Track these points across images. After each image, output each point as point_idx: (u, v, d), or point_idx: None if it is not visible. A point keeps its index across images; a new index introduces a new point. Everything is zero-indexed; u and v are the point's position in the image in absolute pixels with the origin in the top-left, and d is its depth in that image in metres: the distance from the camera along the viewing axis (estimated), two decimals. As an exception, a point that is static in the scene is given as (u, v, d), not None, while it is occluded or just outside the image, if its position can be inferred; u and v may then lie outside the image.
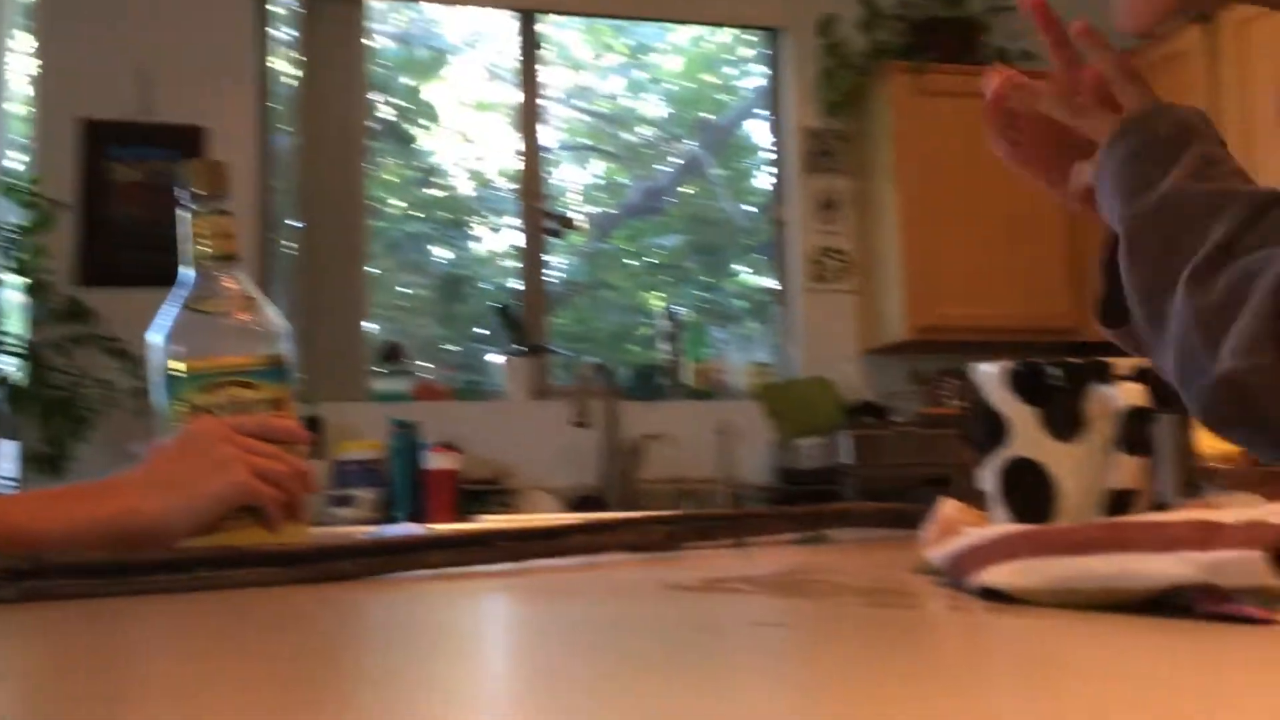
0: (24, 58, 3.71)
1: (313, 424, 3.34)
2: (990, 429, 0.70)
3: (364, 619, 0.61)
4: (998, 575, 0.54)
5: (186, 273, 1.03)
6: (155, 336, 1.00)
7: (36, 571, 0.67)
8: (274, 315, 1.04)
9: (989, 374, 0.70)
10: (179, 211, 1.04)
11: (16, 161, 3.64)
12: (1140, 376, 0.65)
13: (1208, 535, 0.45)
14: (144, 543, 0.86)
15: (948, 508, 0.70)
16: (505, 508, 3.64)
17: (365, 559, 0.77)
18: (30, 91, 3.65)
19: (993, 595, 0.54)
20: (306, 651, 0.48)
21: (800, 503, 2.92)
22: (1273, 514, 0.45)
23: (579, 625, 0.54)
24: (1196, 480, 0.77)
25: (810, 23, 4.22)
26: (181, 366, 0.98)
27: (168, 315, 1.01)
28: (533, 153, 4.13)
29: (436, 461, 3.29)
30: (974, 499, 0.74)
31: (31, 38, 3.68)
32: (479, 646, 0.51)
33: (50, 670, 0.44)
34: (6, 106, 3.65)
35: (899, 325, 3.87)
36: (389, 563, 0.77)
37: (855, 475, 3.41)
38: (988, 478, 0.70)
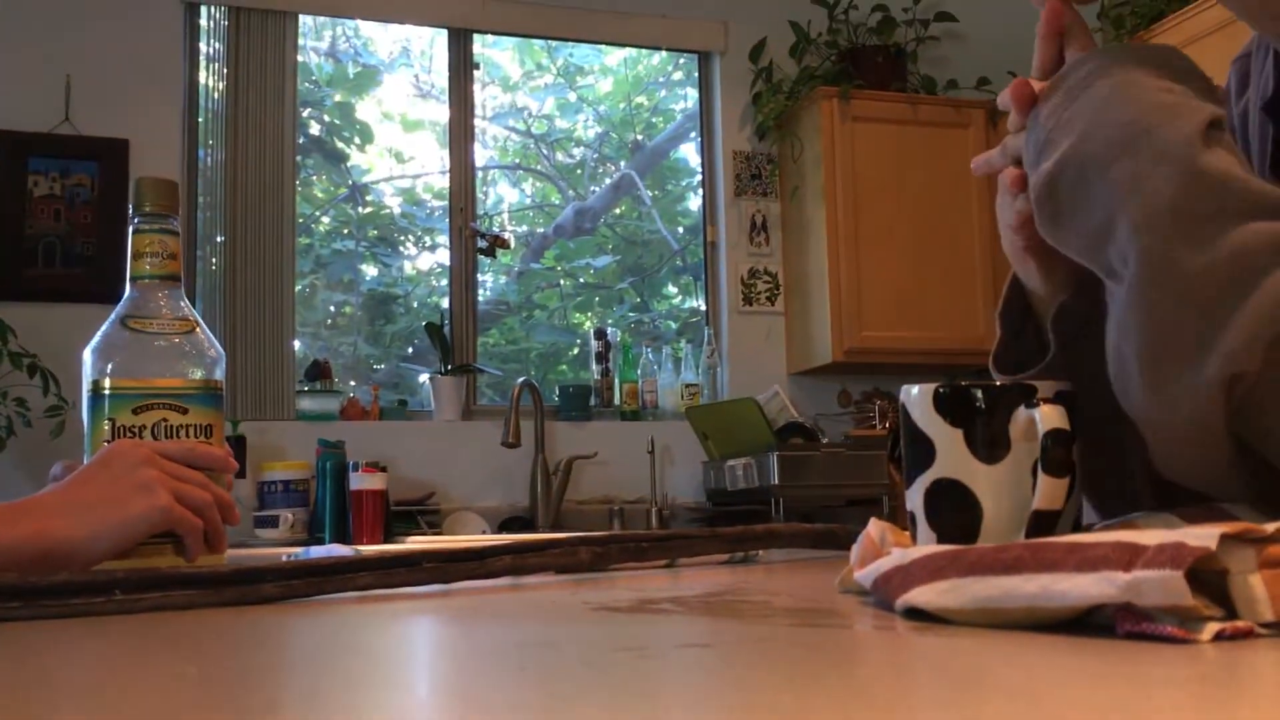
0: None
1: (237, 443, 3.28)
2: (917, 450, 0.71)
3: (287, 642, 0.59)
4: (923, 595, 0.55)
5: (127, 290, 1.00)
6: (88, 352, 0.98)
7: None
8: (210, 339, 1.02)
9: (915, 395, 0.71)
10: (130, 228, 1.01)
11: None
12: (1061, 398, 0.67)
13: (1129, 556, 0.46)
14: (60, 566, 0.83)
15: (875, 528, 0.71)
16: (433, 528, 3.60)
17: (289, 581, 0.75)
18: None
19: (918, 615, 0.55)
20: (227, 676, 0.46)
21: (730, 523, 2.93)
22: (1191, 535, 0.46)
23: (506, 647, 0.53)
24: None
25: (742, 47, 4.27)
26: (113, 384, 0.96)
27: (103, 331, 0.99)
28: (464, 171, 4.11)
29: (364, 482, 3.25)
30: (901, 519, 0.75)
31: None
32: (404, 670, 0.51)
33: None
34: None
35: (827, 347, 3.91)
36: (314, 585, 0.76)
37: (784, 496, 3.43)
38: (913, 498, 0.71)
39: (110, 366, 0.97)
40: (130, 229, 1.01)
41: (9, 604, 0.66)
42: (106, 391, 0.96)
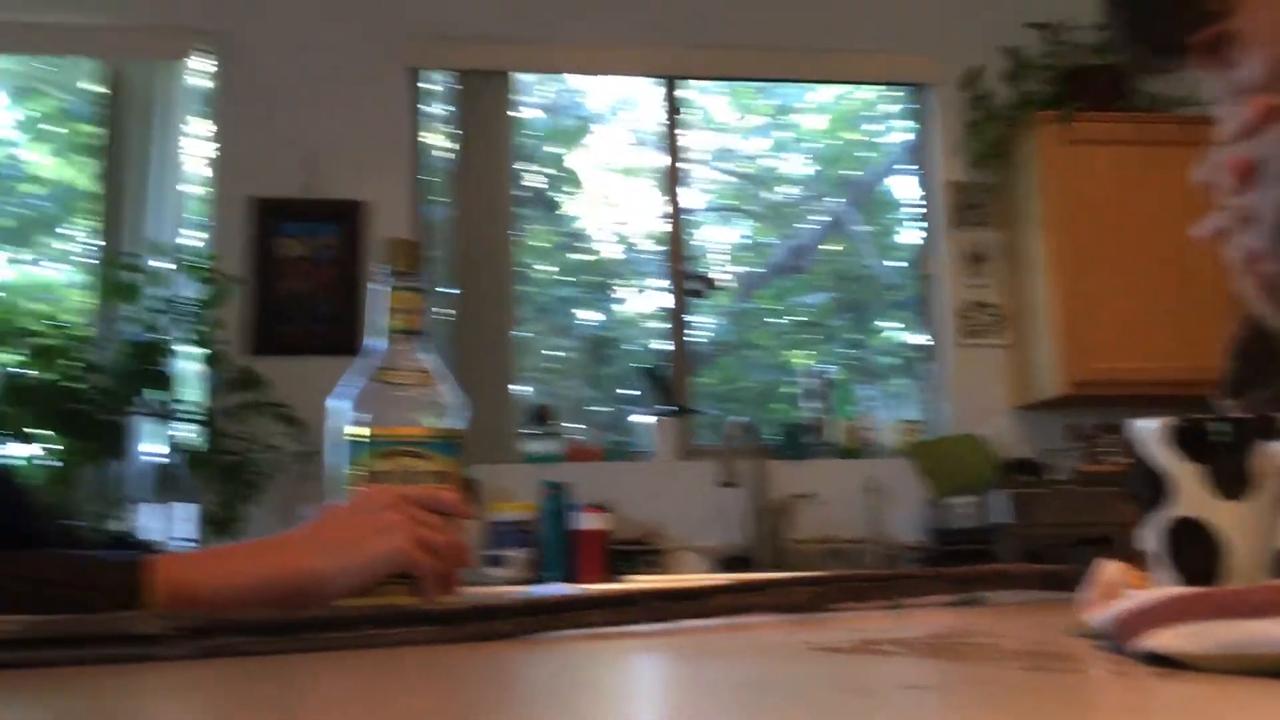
0: (200, 142, 3.96)
1: (467, 486, 3.41)
2: (1152, 487, 0.68)
3: (519, 677, 0.62)
4: (1164, 639, 0.52)
5: (374, 343, 1.07)
6: (338, 402, 1.05)
7: (212, 630, 0.70)
8: (451, 390, 1.08)
9: (1148, 430, 0.68)
10: (372, 285, 1.09)
11: (194, 240, 3.87)
12: (1313, 431, 0.62)
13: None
14: (306, 599, 0.91)
15: (1108, 569, 0.68)
16: (654, 567, 3.64)
17: (519, 618, 0.78)
18: (206, 173, 3.89)
19: (1158, 660, 0.52)
20: (463, 709, 0.49)
21: (953, 563, 2.84)
22: None
23: (726, 686, 0.54)
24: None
25: (955, 76, 4.18)
26: (361, 432, 1.03)
27: (353, 382, 1.06)
28: (677, 215, 4.18)
29: (586, 522, 3.32)
30: (1136, 559, 0.72)
31: (207, 123, 3.92)
32: (629, 707, 0.52)
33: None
34: (184, 188, 3.89)
35: (1053, 380, 3.75)
36: (541, 622, 0.79)
37: (1011, 535, 3.31)
38: (1150, 537, 0.68)
39: (359, 415, 1.04)
40: (379, 286, 1.08)
41: (269, 637, 0.72)
42: (355, 439, 1.03)
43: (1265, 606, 0.49)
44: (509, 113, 4.03)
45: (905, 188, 4.47)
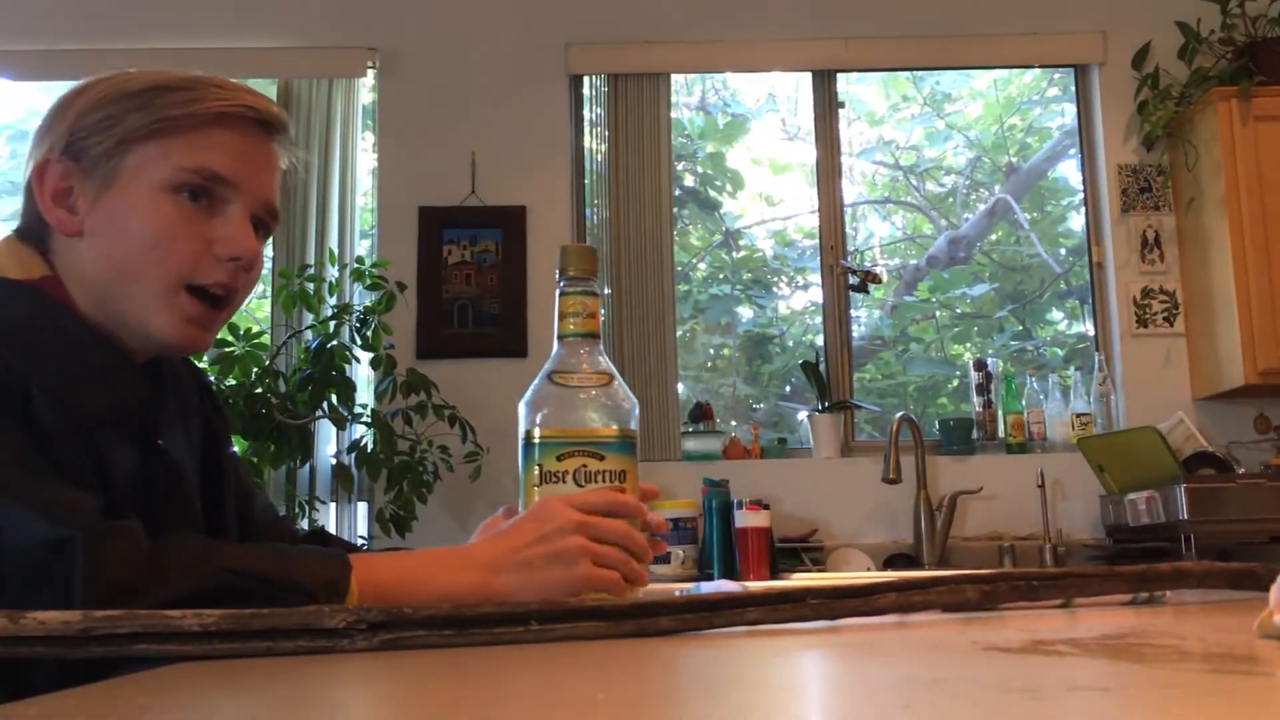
0: (368, 154, 4.12)
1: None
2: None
3: (682, 672, 0.63)
4: (1356, 642, 0.50)
5: (560, 346, 1.11)
6: (521, 405, 1.09)
7: (391, 624, 0.74)
8: (625, 392, 1.10)
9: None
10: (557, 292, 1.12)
11: (365, 249, 4.03)
12: None
13: None
14: None
15: (1297, 568, 0.65)
16: (817, 565, 3.62)
17: (683, 615, 0.80)
18: (373, 185, 4.05)
19: (1351, 664, 0.50)
20: (632, 702, 0.50)
21: (1132, 561, 2.73)
22: None
23: (891, 685, 0.54)
24: None
25: (1121, 55, 4.02)
26: (539, 433, 1.07)
27: (534, 385, 1.09)
28: (832, 209, 4.14)
29: (748, 519, 3.32)
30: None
31: (374, 136, 4.08)
32: (792, 703, 0.52)
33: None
34: (357, 200, 4.05)
35: (1238, 369, 3.57)
36: (705, 619, 0.80)
37: (1194, 531, 3.16)
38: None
39: (539, 417, 1.07)
40: (557, 291, 1.11)
41: (444, 631, 0.75)
42: (535, 440, 1.07)
43: None
44: (664, 113, 4.06)
45: (1071, 173, 4.31)
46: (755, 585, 0.98)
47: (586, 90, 4.11)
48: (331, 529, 3.66)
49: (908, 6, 4.09)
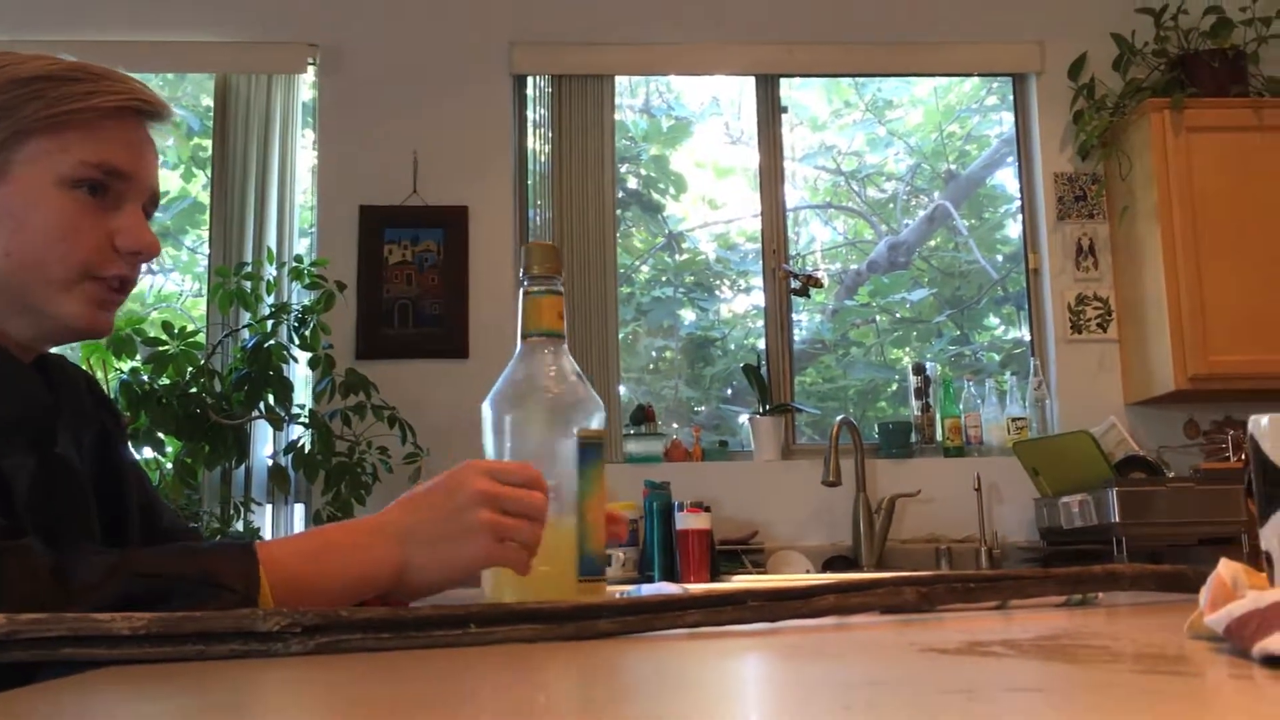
0: (309, 152, 4.07)
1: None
2: (1273, 485, 0.66)
3: (623, 675, 0.63)
4: (1283, 643, 0.51)
5: (524, 345, 1.10)
6: (486, 404, 1.08)
7: (327, 627, 0.73)
8: (589, 391, 1.09)
9: (1267, 426, 0.66)
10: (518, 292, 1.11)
11: (304, 247, 3.98)
12: None
13: None
14: (405, 590, 0.98)
15: (1228, 569, 0.66)
16: (757, 567, 3.64)
17: (624, 617, 0.79)
18: (315, 182, 4.00)
19: (1277, 664, 0.51)
20: (571, 705, 0.50)
21: (1066, 563, 2.77)
22: None
23: (831, 686, 0.54)
24: None
25: (1058, 65, 4.09)
26: (504, 433, 1.06)
27: (498, 384, 1.08)
28: (775, 213, 4.16)
29: (689, 521, 3.33)
30: (1257, 560, 0.70)
31: (314, 133, 4.03)
32: (732, 705, 0.52)
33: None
34: (296, 198, 4.00)
35: (1169, 375, 3.64)
36: (645, 621, 0.80)
37: (1126, 534, 3.22)
38: (1271, 537, 0.66)
39: (497, 415, 1.06)
40: (521, 290, 1.10)
41: (380, 635, 0.74)
42: (524, 439, 1.06)
43: (1394, 609, 0.47)
44: (607, 115, 4.06)
45: (1009, 180, 4.38)
46: (696, 587, 0.98)
47: (530, 90, 4.09)
48: (267, 532, 3.61)
49: (850, 13, 4.13)
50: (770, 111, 4.21)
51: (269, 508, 3.69)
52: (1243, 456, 3.54)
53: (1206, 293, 3.63)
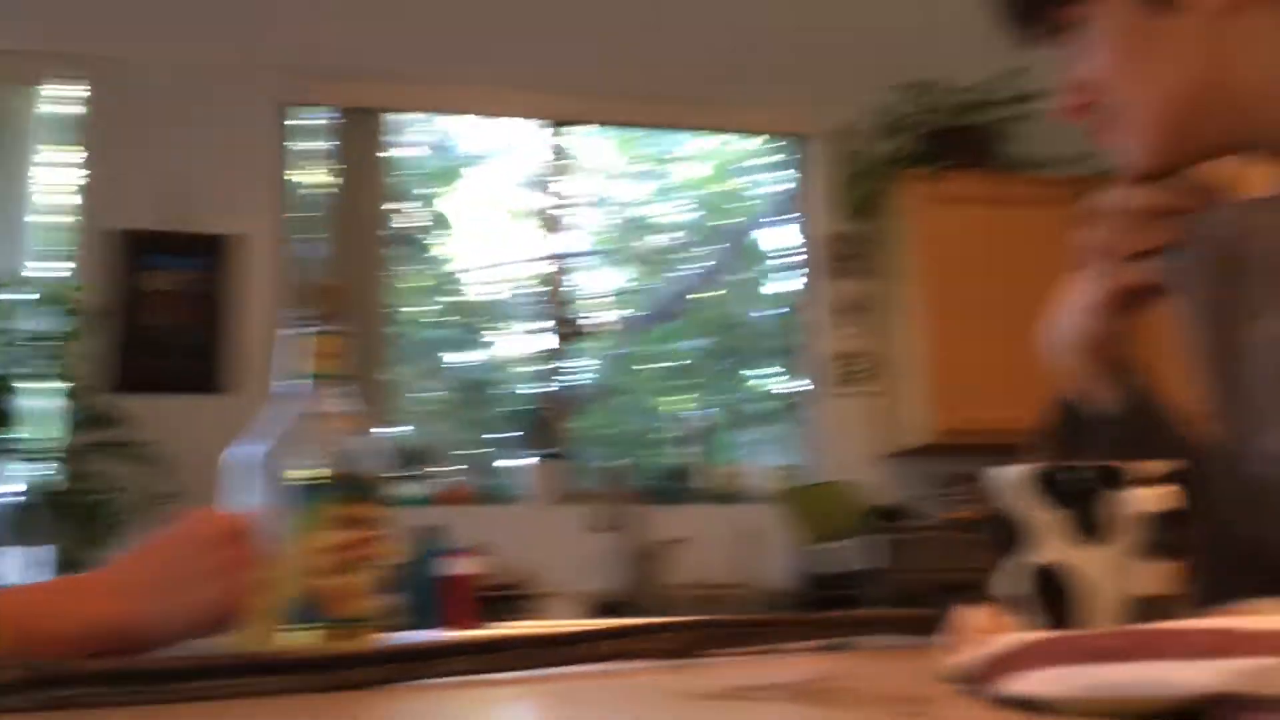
0: (69, 171, 3.81)
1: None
2: (1007, 533, 0.69)
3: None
4: (1025, 684, 0.53)
5: (292, 386, 1.04)
6: (246, 443, 1.02)
7: (65, 680, 0.66)
8: (355, 433, 1.05)
9: (1005, 477, 0.69)
10: (286, 329, 1.06)
11: (57, 271, 3.70)
12: (1172, 478, 0.65)
13: (1234, 642, 0.44)
14: (139, 644, 0.90)
15: (973, 614, 0.69)
16: (526, 614, 3.60)
17: (385, 665, 0.76)
18: (71, 203, 3.74)
19: (1020, 704, 0.53)
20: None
21: (825, 608, 2.87)
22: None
23: (598, 735, 0.53)
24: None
25: (834, 129, 4.29)
26: (294, 475, 1.00)
27: (261, 422, 1.03)
28: (556, 258, 4.18)
29: (457, 567, 3.27)
30: (1000, 605, 0.73)
31: (77, 152, 3.78)
32: (496, 757, 0.51)
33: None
34: (41, 219, 3.73)
35: (923, 428, 3.85)
36: (405, 669, 0.76)
37: (880, 580, 3.36)
38: (1008, 583, 0.69)
39: (281, 461, 1.00)
40: (300, 329, 1.05)
41: (121, 687, 0.68)
42: (290, 482, 1.00)
43: (1125, 650, 0.50)
44: (384, 152, 3.99)
45: (781, 237, 4.55)
46: (460, 634, 0.96)
47: (307, 121, 3.97)
48: (9, 575, 3.32)
49: (639, 67, 4.21)
50: (555, 158, 4.24)
51: (14, 550, 3.39)
52: (983, 507, 3.77)
53: (958, 351, 3.87)
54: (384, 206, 3.95)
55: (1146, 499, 0.63)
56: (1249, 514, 0.70)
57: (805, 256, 4.32)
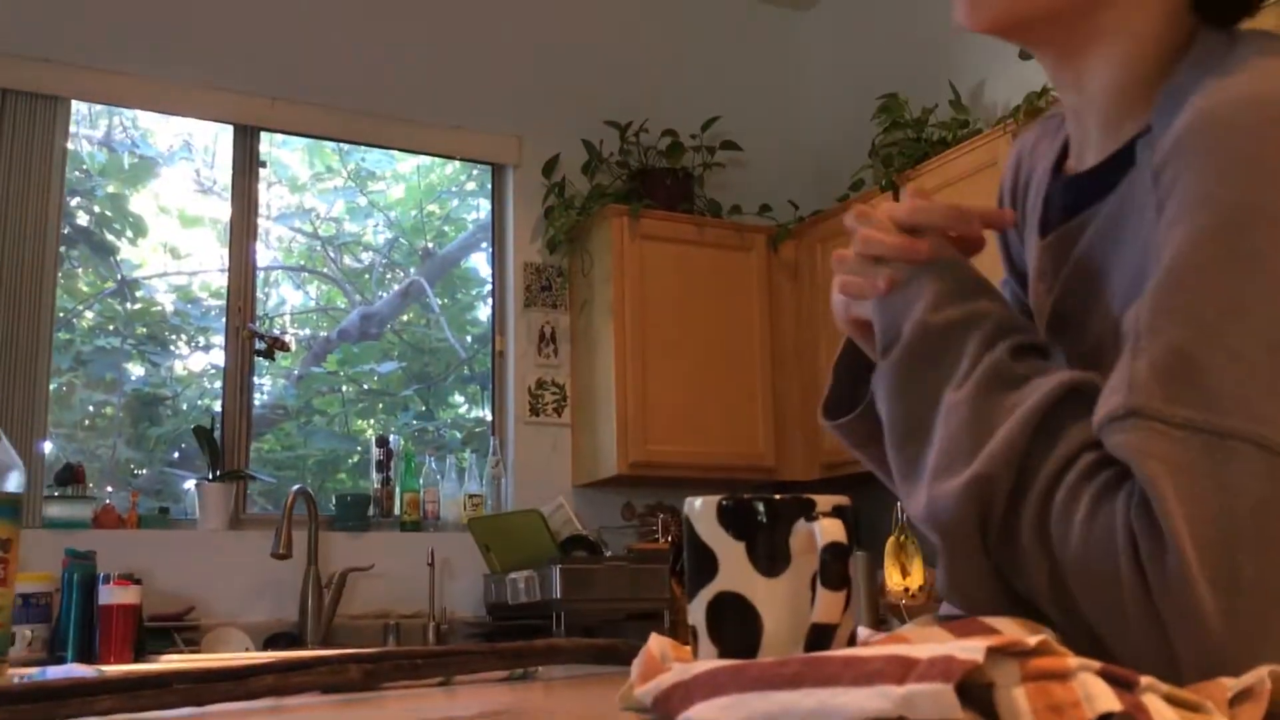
0: None
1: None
2: (700, 563, 0.71)
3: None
4: (703, 711, 0.54)
5: None
6: None
7: None
8: (8, 449, 0.95)
9: (699, 508, 0.71)
10: None
11: None
12: (840, 513, 0.68)
13: (902, 669, 0.47)
14: None
15: (655, 643, 0.70)
16: (191, 646, 3.37)
17: (17, 706, 0.68)
18: None
19: (699, 733, 0.53)
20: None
21: (510, 638, 2.86)
22: (959, 649, 0.47)
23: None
24: (884, 614, 0.82)
25: (535, 161, 4.33)
26: None
27: None
28: (244, 270, 3.97)
29: (113, 596, 3.03)
30: (683, 634, 0.75)
31: None
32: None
33: None
34: None
35: (613, 459, 3.93)
36: (45, 710, 0.69)
37: (566, 610, 3.39)
38: (697, 611, 0.70)
39: None
40: None
41: None
42: None
43: (794, 678, 0.51)
44: (59, 141, 3.67)
45: (479, 264, 4.54)
46: (114, 669, 0.87)
47: (-33, 101, 3.60)
48: None
49: (337, 77, 4.09)
50: (247, 164, 4.04)
51: None
52: (670, 538, 3.90)
53: (649, 386, 3.98)
54: (58, 201, 3.62)
55: (820, 530, 0.66)
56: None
57: (504, 285, 4.33)
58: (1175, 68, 0.81)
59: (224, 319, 3.94)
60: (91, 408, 4.02)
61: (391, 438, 4.07)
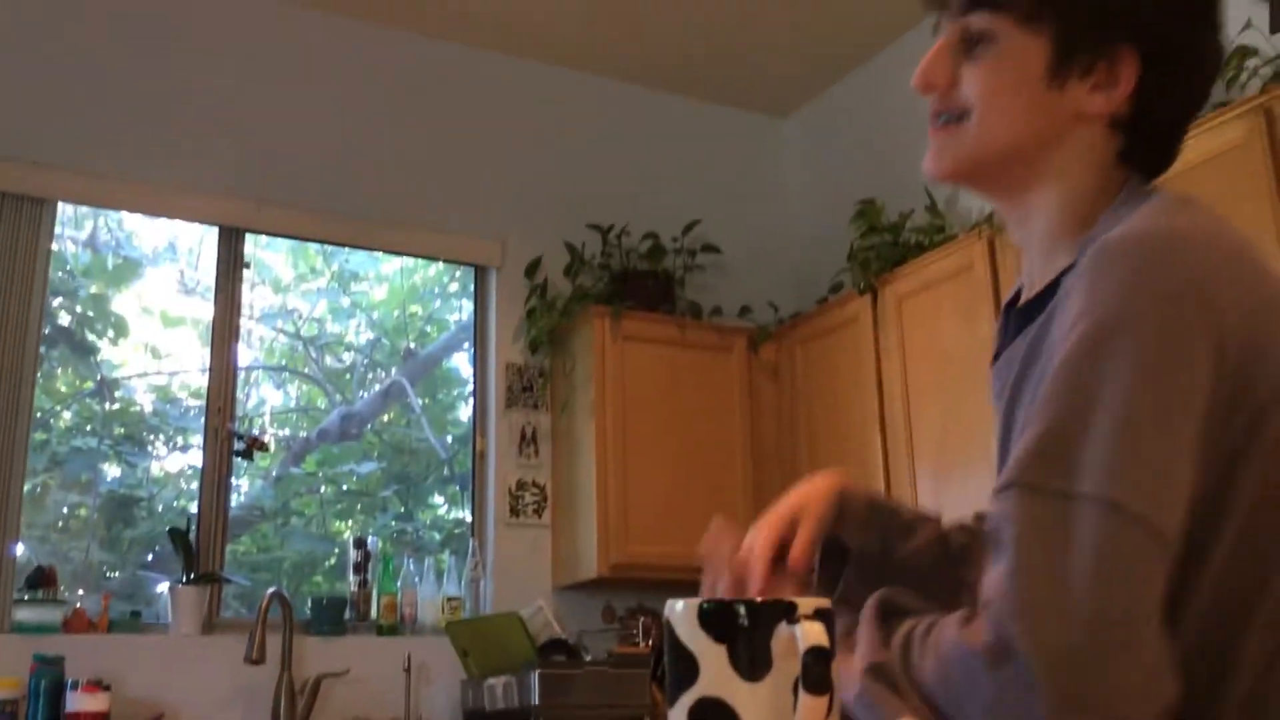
0: None
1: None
2: (681, 667, 0.69)
3: None
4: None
5: None
6: None
7: None
8: None
9: (680, 611, 0.70)
10: None
11: None
12: (821, 615, 0.67)
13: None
14: None
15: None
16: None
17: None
18: None
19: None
20: None
21: (487, 746, 2.79)
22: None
23: None
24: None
25: (518, 263, 4.37)
26: None
27: None
28: (225, 370, 3.96)
29: (82, 702, 2.96)
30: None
31: None
32: None
33: None
34: None
35: (593, 561, 3.89)
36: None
37: (545, 716, 3.32)
38: (680, 717, 0.69)
39: None
40: None
41: None
42: None
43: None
44: (43, 241, 3.68)
45: (461, 364, 4.55)
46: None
47: (-48, 202, 3.62)
48: None
49: (322, 180, 4.14)
50: (232, 265, 4.06)
51: None
52: (651, 642, 3.84)
53: (630, 487, 3.96)
54: (40, 301, 3.62)
55: (802, 634, 0.65)
56: None
57: (486, 385, 4.33)
58: (1104, 213, 0.96)
59: (203, 419, 3.91)
60: (66, 509, 3.97)
61: (369, 539, 4.02)
